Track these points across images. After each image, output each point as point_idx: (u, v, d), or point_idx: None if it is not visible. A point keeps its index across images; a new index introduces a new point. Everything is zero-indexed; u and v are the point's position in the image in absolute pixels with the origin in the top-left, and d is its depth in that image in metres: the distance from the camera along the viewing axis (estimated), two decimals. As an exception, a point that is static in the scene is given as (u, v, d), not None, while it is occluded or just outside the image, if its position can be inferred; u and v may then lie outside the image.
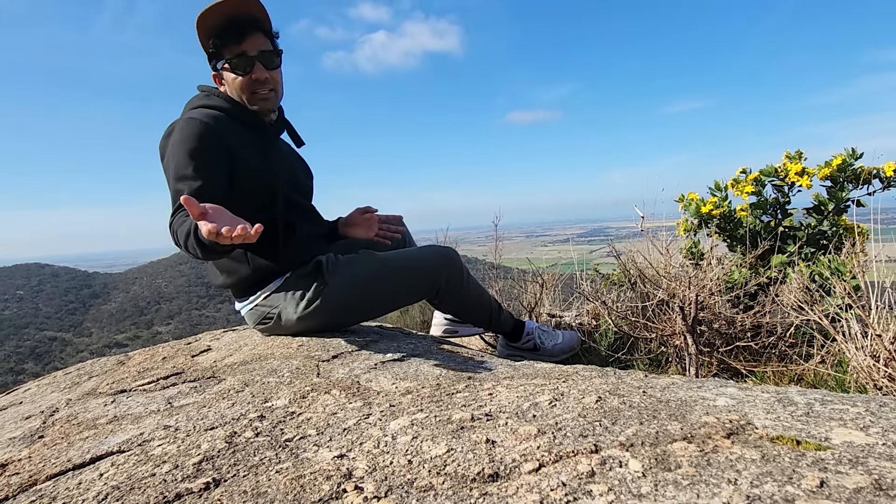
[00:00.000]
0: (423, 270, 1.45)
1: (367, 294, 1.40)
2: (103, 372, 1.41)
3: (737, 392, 0.75)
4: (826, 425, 0.60)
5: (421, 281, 1.45)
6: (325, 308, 1.37)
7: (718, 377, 1.45)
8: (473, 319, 1.65)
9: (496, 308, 1.65)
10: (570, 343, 1.77)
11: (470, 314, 1.63)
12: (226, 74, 1.33)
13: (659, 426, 0.64)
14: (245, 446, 0.72)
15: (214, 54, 1.33)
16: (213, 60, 1.34)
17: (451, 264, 1.48)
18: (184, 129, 1.23)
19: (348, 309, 1.42)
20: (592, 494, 0.50)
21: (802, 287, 1.51)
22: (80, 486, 0.65)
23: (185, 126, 1.23)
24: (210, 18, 1.26)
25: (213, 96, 1.34)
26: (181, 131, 1.23)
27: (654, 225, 1.93)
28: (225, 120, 1.29)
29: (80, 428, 0.90)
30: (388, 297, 1.46)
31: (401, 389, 0.93)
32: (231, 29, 1.28)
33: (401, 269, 1.43)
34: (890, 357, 1.15)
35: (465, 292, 1.54)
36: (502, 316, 1.67)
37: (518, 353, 1.72)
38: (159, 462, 0.69)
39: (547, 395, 0.81)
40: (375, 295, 1.42)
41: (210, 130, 1.23)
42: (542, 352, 1.72)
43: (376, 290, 1.41)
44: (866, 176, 1.78)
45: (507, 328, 1.68)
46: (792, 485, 0.48)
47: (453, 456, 0.62)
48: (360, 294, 1.39)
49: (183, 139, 1.21)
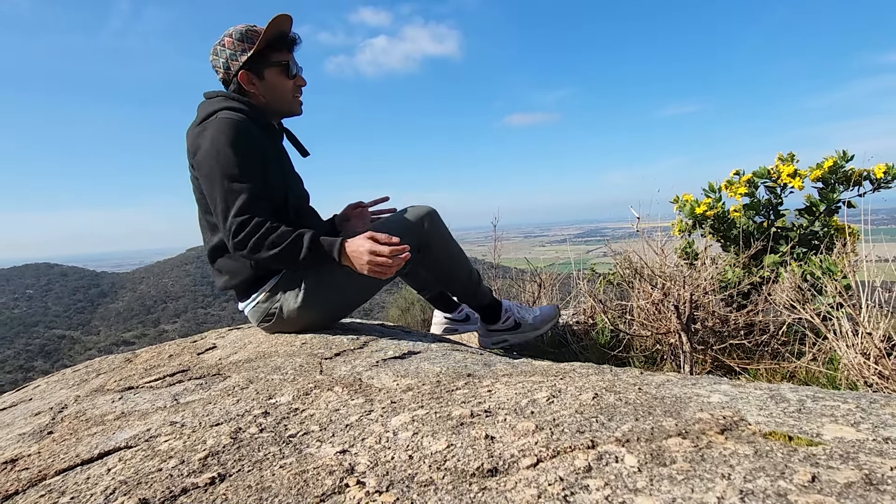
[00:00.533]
0: (407, 226, 1.45)
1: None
2: (111, 369, 1.41)
3: (730, 389, 0.75)
4: (818, 421, 0.60)
5: (407, 239, 1.43)
6: (324, 289, 1.38)
7: (712, 374, 1.45)
8: (457, 282, 1.62)
9: (476, 276, 1.64)
10: (549, 313, 1.77)
11: (454, 274, 1.59)
12: (272, 76, 1.39)
13: (654, 422, 0.64)
14: (249, 442, 0.72)
15: (261, 57, 1.37)
16: (257, 62, 1.38)
17: (431, 215, 1.50)
18: (227, 129, 1.25)
19: (347, 285, 1.41)
20: (589, 489, 0.50)
21: (794, 286, 1.51)
22: (88, 481, 0.65)
23: (227, 127, 1.25)
24: (280, 25, 1.36)
25: (232, 100, 1.36)
26: (224, 131, 1.24)
27: (649, 225, 1.94)
28: (252, 123, 1.33)
29: (88, 424, 0.90)
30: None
31: (402, 386, 0.93)
32: (287, 39, 1.41)
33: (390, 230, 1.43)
34: (880, 354, 1.15)
35: (448, 248, 1.54)
36: (482, 287, 1.65)
37: (500, 336, 1.70)
38: (166, 457, 0.69)
39: (545, 391, 0.81)
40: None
41: (251, 132, 1.29)
42: (524, 327, 1.71)
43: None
44: (857, 178, 1.78)
45: (486, 301, 1.67)
46: (784, 479, 0.48)
47: (453, 451, 0.62)
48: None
49: (229, 140, 1.24)
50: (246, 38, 1.36)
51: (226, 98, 1.37)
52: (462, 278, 1.61)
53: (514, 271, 2.79)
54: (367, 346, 1.29)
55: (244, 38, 1.36)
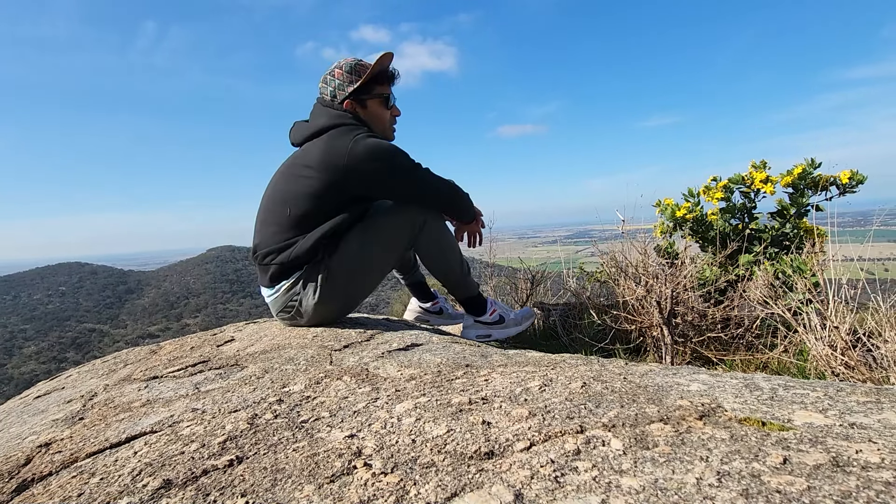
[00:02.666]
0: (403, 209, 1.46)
1: (365, 251, 1.42)
2: (137, 360, 1.41)
3: (708, 378, 0.75)
4: (789, 408, 0.60)
5: (405, 217, 1.45)
6: (337, 284, 1.40)
7: (692, 365, 1.46)
8: (448, 267, 1.56)
9: (467, 266, 1.62)
10: (527, 313, 1.77)
11: (446, 257, 1.54)
12: (373, 106, 1.49)
13: (638, 409, 0.64)
14: (265, 427, 0.72)
15: (365, 88, 1.46)
16: (363, 91, 1.46)
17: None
18: (383, 145, 1.38)
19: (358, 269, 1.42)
20: (578, 470, 0.50)
21: (767, 283, 1.51)
22: (116, 463, 0.64)
23: (381, 143, 1.38)
24: (384, 62, 1.46)
25: (361, 126, 1.44)
26: (383, 147, 1.37)
27: (633, 228, 1.93)
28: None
29: (116, 411, 0.90)
30: (385, 241, 1.45)
31: (405, 376, 0.93)
32: (388, 74, 1.50)
33: (383, 216, 1.44)
34: (846, 346, 1.15)
35: (441, 231, 1.52)
36: (470, 277, 1.63)
37: (485, 328, 1.67)
38: (188, 441, 0.69)
39: (537, 380, 0.81)
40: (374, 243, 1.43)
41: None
42: (508, 322, 1.69)
43: (371, 244, 1.42)
44: (824, 183, 1.78)
45: (473, 292, 1.64)
46: (758, 462, 0.48)
47: (453, 436, 0.62)
48: (360, 252, 1.41)
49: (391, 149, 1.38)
50: (354, 72, 1.44)
51: (357, 126, 1.44)
52: (454, 265, 1.56)
53: (509, 269, 2.79)
54: (374, 338, 1.29)
55: (353, 71, 1.44)
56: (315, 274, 1.39)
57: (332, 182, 1.35)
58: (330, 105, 1.47)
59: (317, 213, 1.38)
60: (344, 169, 1.33)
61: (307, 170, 1.37)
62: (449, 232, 1.56)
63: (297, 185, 1.38)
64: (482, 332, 1.68)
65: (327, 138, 1.39)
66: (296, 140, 1.51)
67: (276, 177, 1.49)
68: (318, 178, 1.35)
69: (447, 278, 1.59)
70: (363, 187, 1.38)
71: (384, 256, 1.48)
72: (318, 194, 1.36)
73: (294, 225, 1.40)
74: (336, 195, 1.38)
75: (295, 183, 1.39)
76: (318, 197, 1.37)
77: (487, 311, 1.66)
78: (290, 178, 1.42)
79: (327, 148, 1.36)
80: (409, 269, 1.86)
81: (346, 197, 1.39)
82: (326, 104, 1.47)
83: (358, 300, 1.52)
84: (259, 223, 1.47)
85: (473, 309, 1.66)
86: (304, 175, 1.37)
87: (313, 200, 1.37)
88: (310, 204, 1.37)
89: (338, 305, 1.46)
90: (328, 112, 1.45)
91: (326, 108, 1.47)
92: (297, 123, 1.55)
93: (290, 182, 1.41)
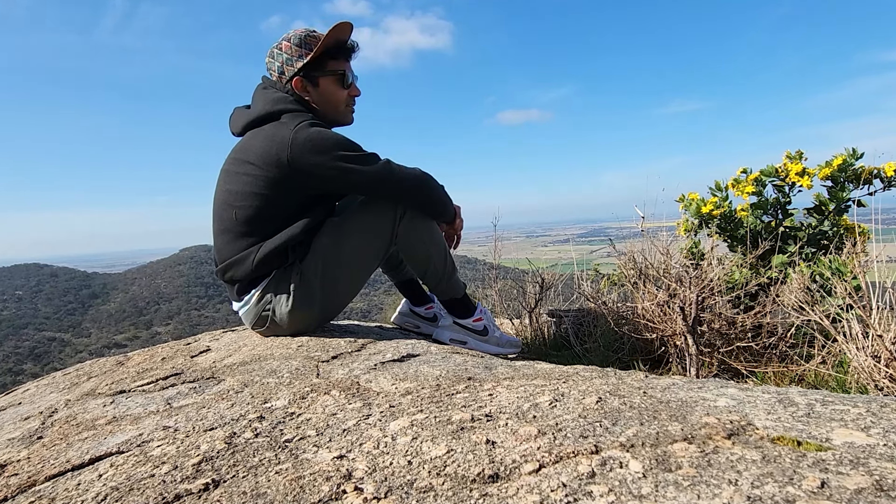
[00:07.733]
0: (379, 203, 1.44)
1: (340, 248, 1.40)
2: (102, 372, 1.41)
3: (737, 392, 0.75)
4: (827, 426, 0.60)
5: (382, 206, 1.43)
6: (313, 290, 1.38)
7: (719, 377, 1.46)
8: (430, 265, 1.53)
9: (451, 263, 1.58)
10: (514, 341, 1.75)
11: (429, 252, 1.51)
12: (326, 84, 1.43)
13: (659, 427, 0.64)
14: (244, 447, 0.72)
15: (317, 64, 1.40)
16: (314, 68, 1.40)
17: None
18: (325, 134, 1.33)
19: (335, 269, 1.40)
20: (593, 495, 0.50)
21: (803, 287, 1.51)
22: (79, 487, 0.64)
23: (323, 132, 1.33)
24: (339, 33, 1.38)
25: (306, 112, 1.39)
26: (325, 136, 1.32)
27: (654, 225, 1.94)
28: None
29: (79, 429, 0.90)
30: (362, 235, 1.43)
31: (400, 390, 0.93)
32: (346, 48, 1.42)
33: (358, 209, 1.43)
34: (891, 357, 1.15)
35: (425, 222, 1.49)
36: (455, 277, 1.60)
37: (463, 334, 1.65)
38: (158, 463, 0.69)
39: (547, 395, 0.81)
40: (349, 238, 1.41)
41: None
42: (489, 338, 1.67)
43: (345, 240, 1.41)
44: (867, 176, 1.78)
45: (459, 293, 1.62)
46: (793, 485, 0.48)
47: (453, 457, 0.62)
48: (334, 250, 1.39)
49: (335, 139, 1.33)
50: (304, 44, 1.38)
51: (301, 113, 1.39)
52: (437, 260, 1.53)
53: (515, 271, 2.79)
54: (365, 348, 1.29)
55: (302, 44, 1.38)
56: (286, 280, 1.38)
57: (278, 179, 1.32)
58: (274, 85, 1.42)
59: (268, 216, 1.35)
60: (288, 163, 1.29)
61: (248, 166, 1.34)
62: (434, 224, 1.53)
63: (240, 184, 1.35)
64: (458, 336, 1.65)
65: (269, 128, 1.35)
66: (235, 129, 1.47)
67: (220, 175, 1.45)
68: (260, 174, 1.32)
69: (430, 275, 1.56)
70: (316, 182, 1.34)
71: (363, 252, 1.46)
72: (262, 193, 1.33)
73: (245, 232, 1.37)
74: (288, 194, 1.34)
75: (237, 181, 1.36)
76: (263, 196, 1.33)
77: (473, 316, 1.64)
78: (231, 175, 1.39)
79: (267, 140, 1.32)
80: (396, 266, 1.82)
81: (304, 195, 1.36)
82: (271, 84, 1.43)
83: (340, 304, 1.51)
84: (214, 233, 1.45)
85: (456, 311, 1.64)
86: (245, 172, 1.34)
87: (259, 200, 1.34)
88: (256, 204, 1.34)
89: (316, 311, 1.44)
90: (269, 96, 1.40)
91: (268, 91, 1.42)
92: (237, 110, 1.50)
93: (231, 180, 1.38)
